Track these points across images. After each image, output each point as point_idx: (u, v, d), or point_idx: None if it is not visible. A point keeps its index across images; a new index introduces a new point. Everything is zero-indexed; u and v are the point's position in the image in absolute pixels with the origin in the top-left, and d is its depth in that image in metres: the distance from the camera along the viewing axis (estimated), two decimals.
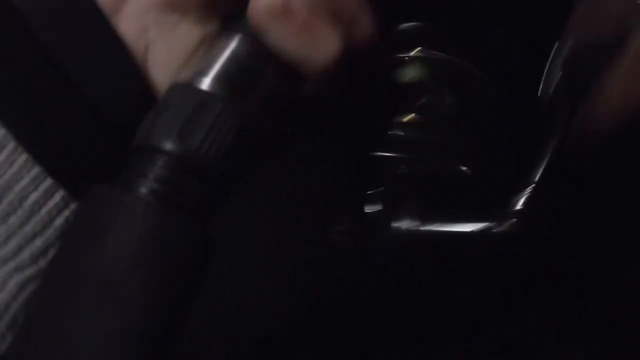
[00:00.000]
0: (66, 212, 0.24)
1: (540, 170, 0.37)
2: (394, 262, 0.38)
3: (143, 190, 0.22)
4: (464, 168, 0.38)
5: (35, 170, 0.23)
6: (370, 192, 0.37)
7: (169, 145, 0.22)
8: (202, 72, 0.24)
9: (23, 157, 0.23)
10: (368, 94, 0.35)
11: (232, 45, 0.25)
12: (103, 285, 0.20)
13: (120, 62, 0.24)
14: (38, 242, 0.23)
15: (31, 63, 0.23)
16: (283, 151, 0.30)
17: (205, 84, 0.24)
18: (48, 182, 0.23)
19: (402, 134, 0.37)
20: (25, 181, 0.23)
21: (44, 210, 0.23)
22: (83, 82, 0.23)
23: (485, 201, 0.36)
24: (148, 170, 0.22)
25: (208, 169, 0.23)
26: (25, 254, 0.23)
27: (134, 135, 0.24)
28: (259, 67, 0.25)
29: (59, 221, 0.24)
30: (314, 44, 0.25)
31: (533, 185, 0.36)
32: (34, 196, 0.23)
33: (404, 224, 0.36)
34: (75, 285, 0.20)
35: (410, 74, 0.37)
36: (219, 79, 0.24)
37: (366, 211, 0.38)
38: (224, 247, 0.24)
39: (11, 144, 0.22)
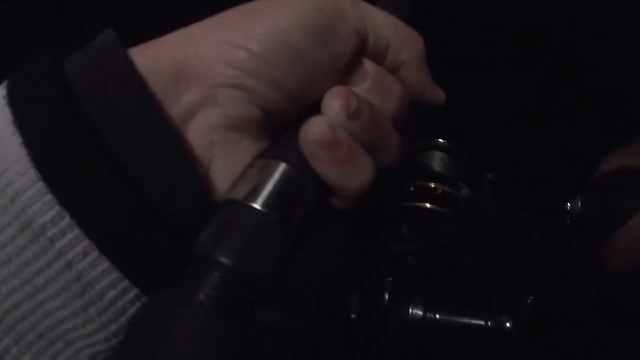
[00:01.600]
0: (138, 304, 0.27)
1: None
2: (402, 346, 0.41)
3: (202, 297, 0.25)
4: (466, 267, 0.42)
5: (115, 274, 0.26)
6: (379, 279, 0.40)
7: (230, 262, 0.26)
8: (257, 193, 0.28)
9: (105, 263, 0.26)
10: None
11: (281, 169, 0.28)
12: None
13: (186, 173, 0.27)
14: (113, 327, 0.27)
15: (103, 173, 0.26)
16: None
17: (260, 204, 0.27)
18: (125, 283, 0.26)
19: (414, 226, 0.40)
20: (105, 282, 0.26)
21: (120, 303, 0.27)
22: (155, 197, 0.26)
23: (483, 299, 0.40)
24: (207, 280, 0.26)
25: (260, 283, 0.27)
26: (100, 336, 0.27)
27: (194, 240, 0.27)
28: (302, 191, 0.28)
29: (132, 311, 0.27)
30: (354, 174, 0.28)
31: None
32: (112, 293, 0.26)
33: (412, 313, 0.40)
34: None
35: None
36: (271, 201, 0.28)
37: (376, 297, 0.41)
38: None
39: (95, 253, 0.26)
